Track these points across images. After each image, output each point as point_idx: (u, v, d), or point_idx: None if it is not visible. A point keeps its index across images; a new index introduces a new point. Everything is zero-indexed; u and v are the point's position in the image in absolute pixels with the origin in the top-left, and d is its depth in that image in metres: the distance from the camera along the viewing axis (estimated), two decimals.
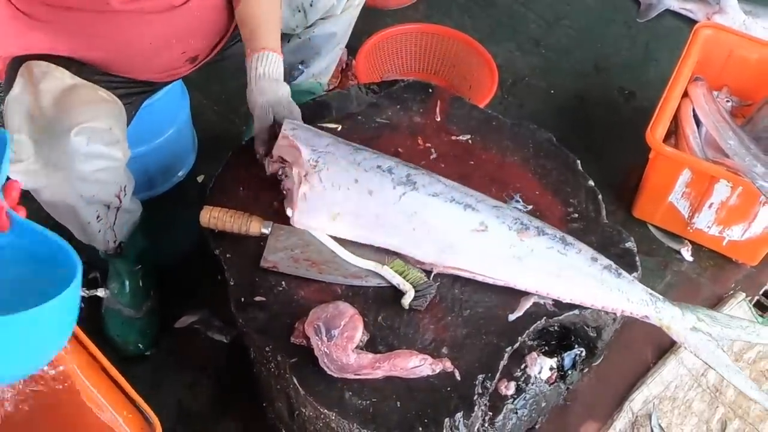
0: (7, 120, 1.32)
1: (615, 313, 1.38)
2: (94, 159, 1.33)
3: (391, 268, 1.36)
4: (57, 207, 1.41)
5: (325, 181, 1.38)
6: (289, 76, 1.79)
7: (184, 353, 1.72)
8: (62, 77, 1.33)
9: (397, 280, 1.35)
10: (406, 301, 1.33)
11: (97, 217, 1.48)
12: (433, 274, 1.37)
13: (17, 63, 1.37)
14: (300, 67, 1.79)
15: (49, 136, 1.28)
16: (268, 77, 1.44)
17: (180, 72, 1.58)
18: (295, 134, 1.40)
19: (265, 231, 1.39)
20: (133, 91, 1.54)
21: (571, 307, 1.36)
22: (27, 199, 1.37)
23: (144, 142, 1.85)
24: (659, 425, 1.64)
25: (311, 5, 1.65)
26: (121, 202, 1.49)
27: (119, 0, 1.31)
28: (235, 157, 1.55)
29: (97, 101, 1.37)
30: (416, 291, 1.34)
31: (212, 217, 1.39)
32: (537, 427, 1.59)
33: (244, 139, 1.71)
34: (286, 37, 1.71)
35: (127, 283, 1.68)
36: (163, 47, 1.46)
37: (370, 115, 1.63)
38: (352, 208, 1.38)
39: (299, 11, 1.65)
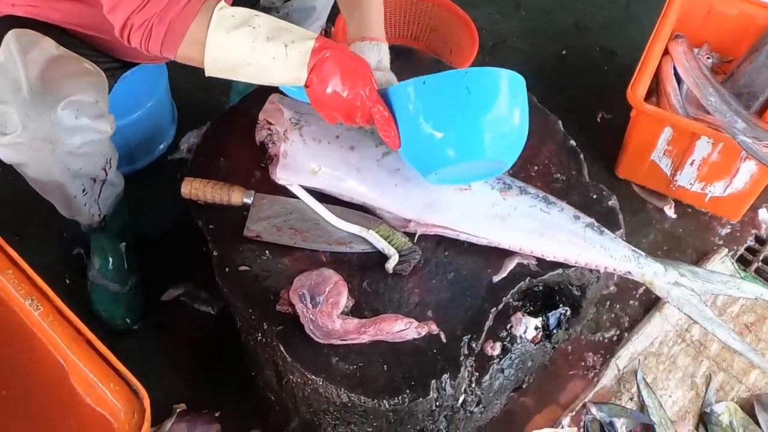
0: None
1: (598, 271, 1.39)
2: (82, 132, 1.31)
3: (376, 232, 1.36)
4: (43, 181, 1.39)
5: (306, 136, 1.40)
6: None
7: (172, 326, 1.72)
8: (49, 48, 1.30)
9: (381, 244, 1.35)
10: (390, 265, 1.33)
11: (83, 190, 1.46)
12: (416, 237, 1.37)
13: (5, 27, 1.34)
14: None
15: (36, 109, 1.25)
16: (378, 69, 1.40)
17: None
18: (282, 100, 1.42)
19: (247, 200, 1.39)
20: (116, 66, 1.51)
21: (555, 266, 1.37)
22: (12, 173, 1.37)
23: (123, 116, 1.83)
24: (644, 380, 1.66)
25: None
26: (107, 174, 1.48)
27: None
28: (214, 127, 1.54)
29: (82, 73, 1.34)
30: (400, 256, 1.34)
31: (194, 188, 1.39)
32: (524, 386, 1.60)
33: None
34: (265, 12, 1.68)
35: (110, 258, 1.68)
36: None
37: None
38: (333, 162, 1.39)
39: None
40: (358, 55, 1.25)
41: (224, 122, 1.55)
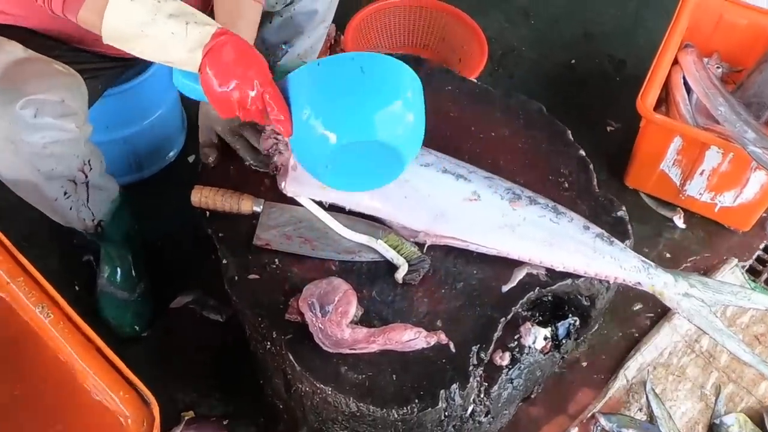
0: None
1: (608, 281, 1.39)
2: (43, 130, 1.29)
3: (385, 242, 1.36)
4: (18, 184, 1.38)
5: None
6: (274, 56, 1.77)
7: (180, 334, 1.72)
8: (13, 50, 1.30)
9: (390, 254, 1.35)
10: (400, 275, 1.33)
11: (65, 193, 1.44)
12: (426, 246, 1.37)
13: None
14: (284, 47, 1.76)
15: None
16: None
17: None
18: None
19: (257, 209, 1.39)
20: (102, 66, 1.50)
21: (564, 276, 1.37)
22: None
23: (132, 124, 1.84)
24: (653, 391, 1.65)
25: None
26: (87, 176, 1.45)
27: None
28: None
29: (50, 74, 1.33)
30: (410, 265, 1.34)
31: (203, 196, 1.39)
32: (533, 396, 1.60)
33: None
34: (267, 17, 1.68)
35: (118, 266, 1.68)
36: None
37: None
38: None
39: None
40: (254, 48, 1.22)
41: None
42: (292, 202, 1.41)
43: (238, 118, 1.21)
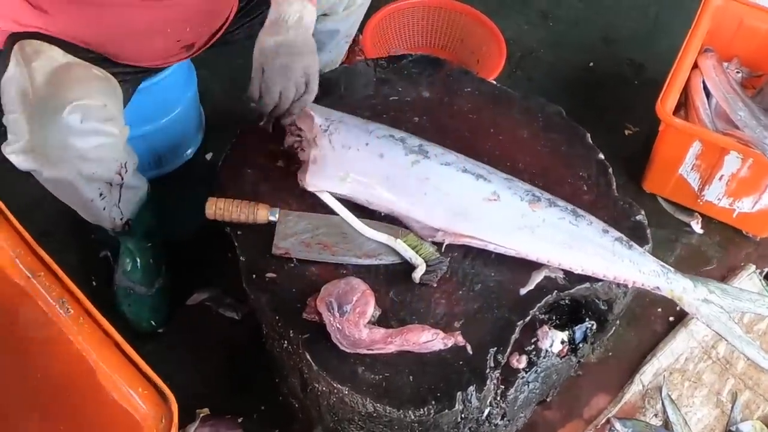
0: (4, 101, 1.31)
1: (626, 285, 1.38)
2: (90, 136, 1.32)
3: (404, 242, 1.36)
4: (58, 186, 1.41)
5: (335, 143, 1.40)
6: None
7: (197, 330, 1.72)
8: (55, 56, 1.32)
9: (409, 254, 1.35)
10: (418, 274, 1.33)
11: (100, 194, 1.47)
12: (444, 246, 1.37)
13: (12, 42, 1.36)
14: None
15: (42, 114, 1.27)
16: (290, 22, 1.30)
17: (177, 58, 1.56)
18: (312, 106, 1.42)
19: (273, 218, 1.39)
20: (129, 71, 1.52)
21: (582, 279, 1.37)
22: (31, 179, 1.38)
23: (151, 121, 1.84)
24: (669, 397, 1.65)
25: None
26: (123, 178, 1.48)
27: None
28: (241, 137, 1.54)
29: (90, 79, 1.35)
30: (428, 266, 1.34)
31: (218, 208, 1.39)
32: (548, 399, 1.60)
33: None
34: None
35: (138, 260, 1.69)
36: (157, 34, 1.44)
37: (377, 91, 1.62)
38: (362, 169, 1.40)
39: None
40: None
41: (250, 131, 1.54)
42: (308, 208, 1.41)
43: None
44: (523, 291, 1.35)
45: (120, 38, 1.42)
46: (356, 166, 1.40)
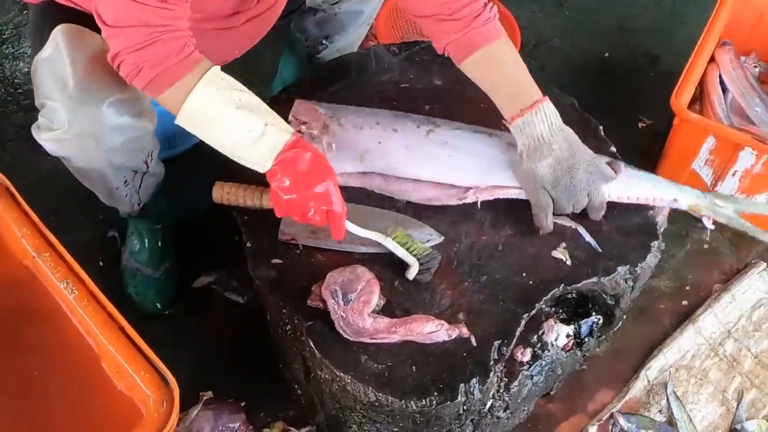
0: (38, 83, 1.31)
1: (633, 280, 1.37)
2: (125, 130, 1.34)
3: (393, 239, 1.34)
4: (87, 174, 1.43)
5: (346, 125, 1.42)
6: (314, 49, 1.77)
7: (202, 313, 1.73)
8: (94, 40, 1.31)
9: (400, 252, 1.32)
10: (411, 274, 1.31)
11: (125, 182, 1.49)
12: (479, 202, 1.38)
13: (45, 12, 1.34)
14: (324, 41, 1.76)
15: (82, 107, 1.27)
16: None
17: None
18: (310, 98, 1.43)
19: None
20: None
21: (589, 274, 1.35)
22: (57, 162, 1.38)
23: None
24: (674, 393, 1.64)
25: None
26: (148, 167, 1.50)
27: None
28: None
29: None
30: (420, 264, 1.32)
31: (225, 192, 1.38)
32: (552, 393, 1.59)
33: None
34: (312, 11, 1.68)
35: (146, 242, 1.69)
36: (210, 57, 1.43)
37: (389, 77, 1.60)
38: (379, 144, 1.41)
39: None
40: (325, 159, 1.25)
41: None
42: None
43: None
44: (542, 232, 1.37)
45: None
46: (372, 142, 1.41)
